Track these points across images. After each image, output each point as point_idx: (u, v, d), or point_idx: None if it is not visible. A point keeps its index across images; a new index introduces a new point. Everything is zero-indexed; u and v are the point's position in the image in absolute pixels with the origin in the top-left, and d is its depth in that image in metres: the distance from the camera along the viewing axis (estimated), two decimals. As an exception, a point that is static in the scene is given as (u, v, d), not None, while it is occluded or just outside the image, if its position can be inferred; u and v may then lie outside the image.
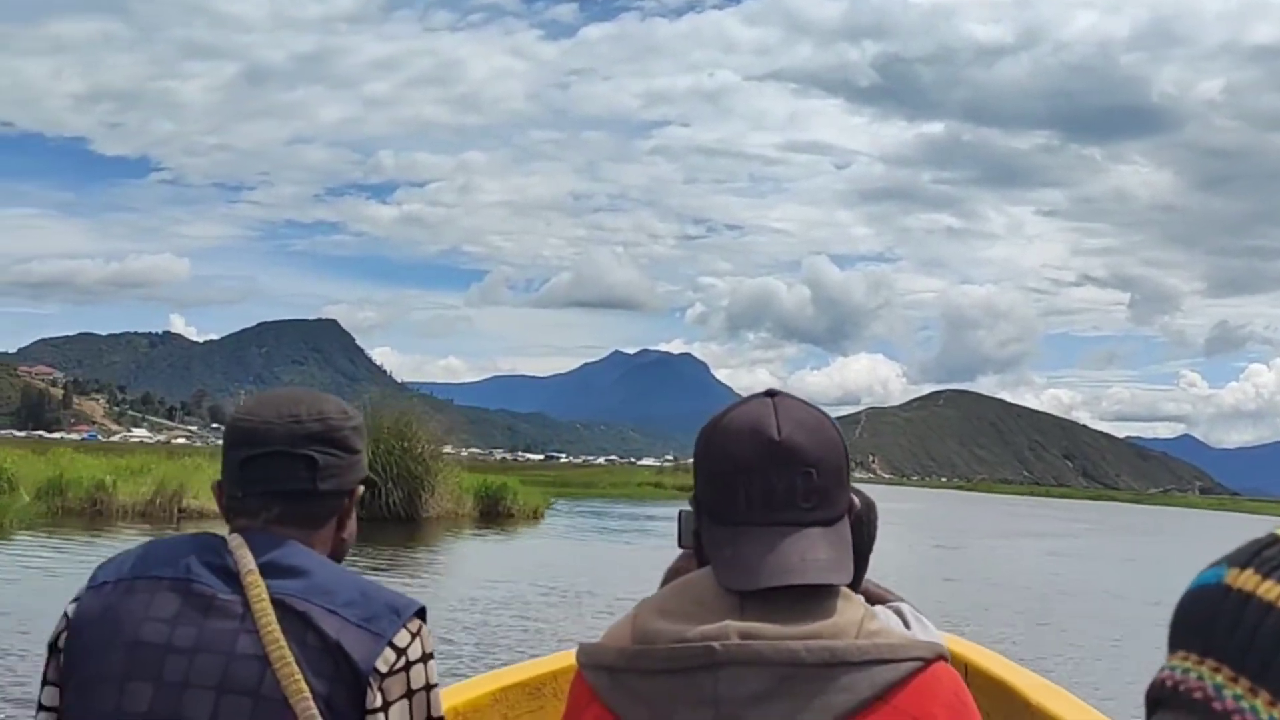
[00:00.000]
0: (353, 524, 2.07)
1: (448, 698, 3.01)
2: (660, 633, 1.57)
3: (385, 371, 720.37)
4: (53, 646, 1.92)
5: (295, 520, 1.96)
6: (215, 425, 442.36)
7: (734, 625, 1.54)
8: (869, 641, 1.54)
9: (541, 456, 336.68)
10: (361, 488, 2.07)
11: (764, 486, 1.60)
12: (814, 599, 1.57)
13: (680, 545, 2.19)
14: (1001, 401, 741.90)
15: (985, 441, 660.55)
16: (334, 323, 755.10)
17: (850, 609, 1.59)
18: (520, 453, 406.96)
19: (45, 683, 1.94)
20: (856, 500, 1.72)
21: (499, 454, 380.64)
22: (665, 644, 1.55)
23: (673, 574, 2.22)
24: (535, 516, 42.22)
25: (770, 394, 1.69)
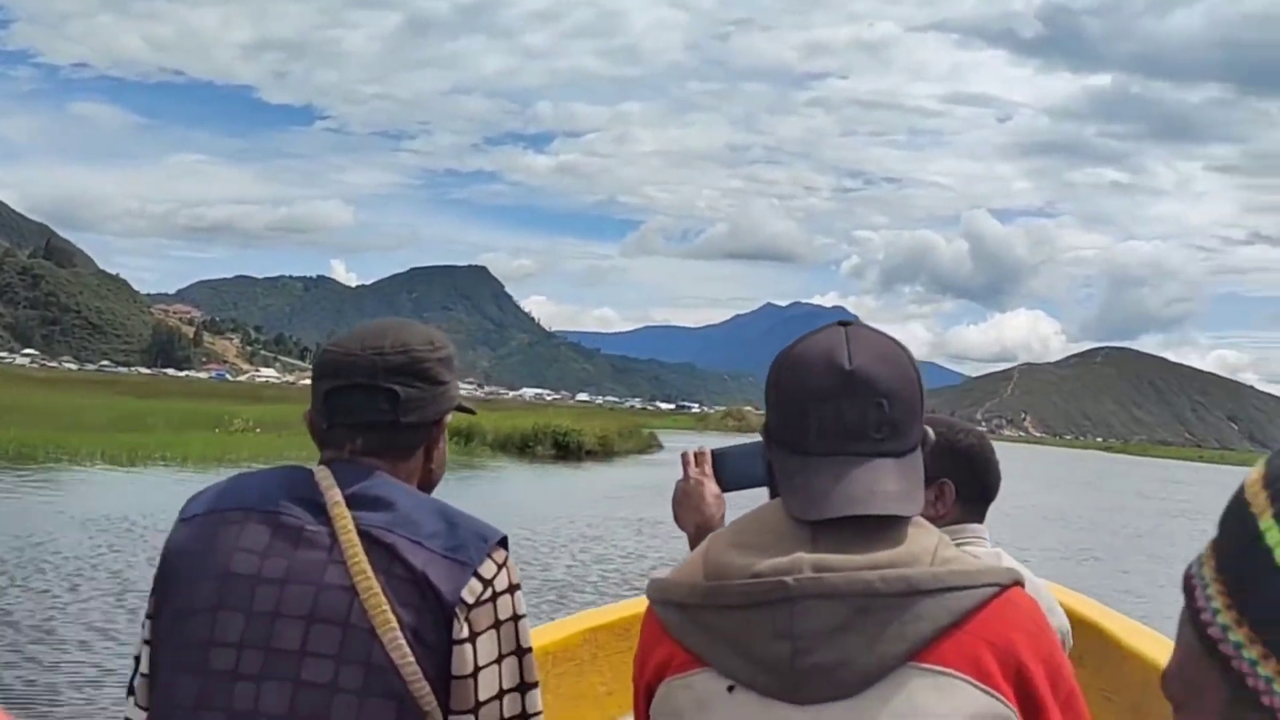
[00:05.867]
0: (442, 454, 2.08)
1: (537, 637, 3.04)
2: (733, 566, 1.54)
3: (533, 319, 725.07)
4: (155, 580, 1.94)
5: (381, 452, 1.97)
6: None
7: (806, 558, 1.51)
8: (944, 569, 1.51)
9: (673, 406, 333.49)
10: (451, 417, 2.06)
11: (835, 416, 1.57)
12: (886, 529, 1.54)
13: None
14: (1163, 360, 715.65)
15: (1144, 401, 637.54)
16: (484, 269, 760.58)
17: (924, 536, 1.56)
18: (659, 402, 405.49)
19: (146, 615, 1.95)
20: (930, 432, 1.66)
21: (636, 403, 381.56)
22: (738, 578, 1.52)
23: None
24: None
25: (843, 324, 1.65)
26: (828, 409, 1.58)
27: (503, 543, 1.93)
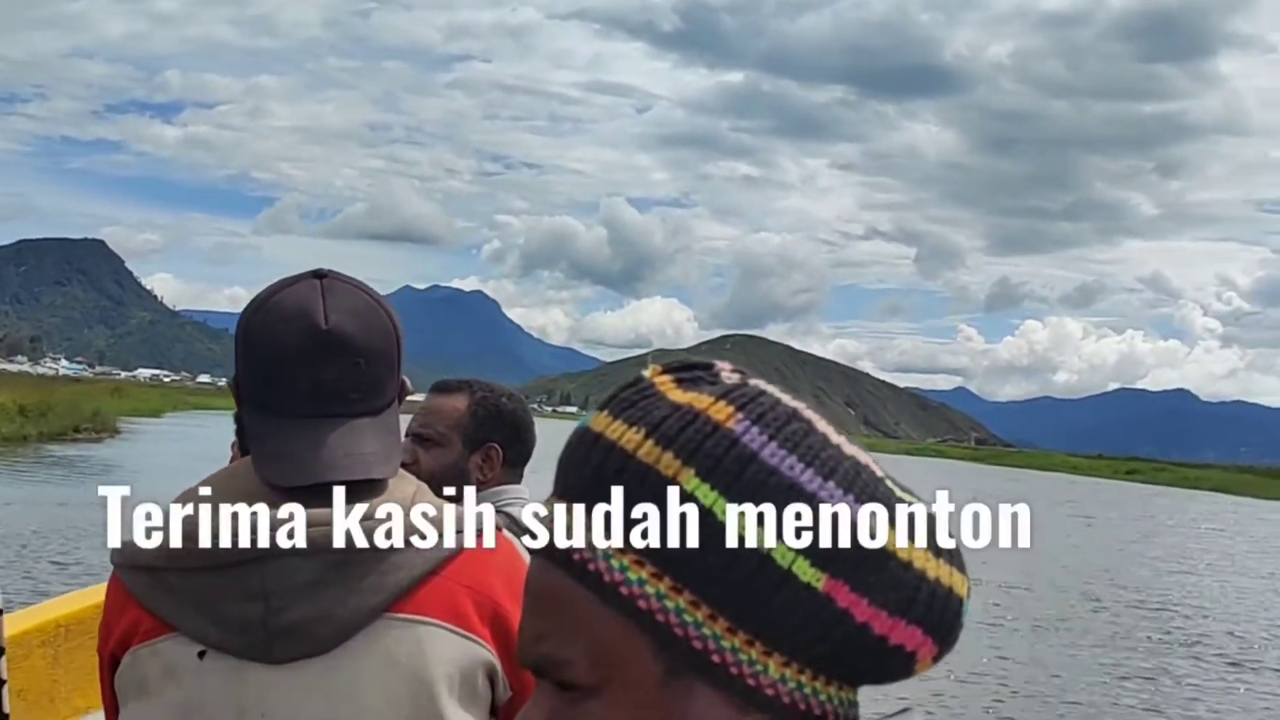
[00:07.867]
0: None
1: (50, 610, 2.89)
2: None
3: (156, 297, 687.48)
4: None
5: None
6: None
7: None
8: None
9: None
10: None
11: (310, 377, 1.51)
12: (364, 483, 1.52)
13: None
14: (788, 348, 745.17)
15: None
16: (102, 244, 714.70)
17: (402, 487, 1.55)
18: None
19: None
20: (408, 382, 1.64)
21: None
22: (209, 539, 1.46)
23: None
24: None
25: (319, 275, 1.58)
26: (301, 370, 1.52)
27: None
